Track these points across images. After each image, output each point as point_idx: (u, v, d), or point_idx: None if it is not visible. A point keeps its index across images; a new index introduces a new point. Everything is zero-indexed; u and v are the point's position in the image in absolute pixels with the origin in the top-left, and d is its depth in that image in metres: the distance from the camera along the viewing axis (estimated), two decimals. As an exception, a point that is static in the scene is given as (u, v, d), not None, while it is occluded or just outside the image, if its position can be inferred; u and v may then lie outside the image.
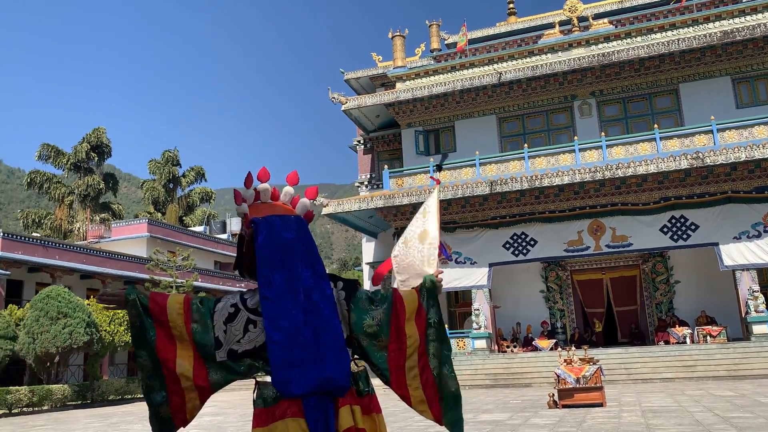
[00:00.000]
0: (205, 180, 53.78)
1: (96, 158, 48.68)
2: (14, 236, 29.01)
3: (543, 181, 22.39)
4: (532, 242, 23.64)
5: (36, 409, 20.87)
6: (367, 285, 29.99)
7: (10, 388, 20.38)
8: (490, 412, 12.46)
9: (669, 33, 24.16)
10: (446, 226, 24.54)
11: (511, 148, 25.99)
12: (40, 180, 47.26)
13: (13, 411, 19.95)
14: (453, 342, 23.41)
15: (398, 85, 27.36)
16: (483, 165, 24.22)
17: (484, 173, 24.07)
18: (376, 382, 2.83)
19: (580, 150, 23.23)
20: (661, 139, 22.43)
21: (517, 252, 23.76)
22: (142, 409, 18.89)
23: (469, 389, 20.26)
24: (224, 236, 48.27)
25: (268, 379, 2.42)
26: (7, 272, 26.92)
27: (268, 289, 2.43)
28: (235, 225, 51.14)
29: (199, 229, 46.90)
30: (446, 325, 19.18)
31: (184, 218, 51.19)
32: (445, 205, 24.29)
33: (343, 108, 27.33)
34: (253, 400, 2.45)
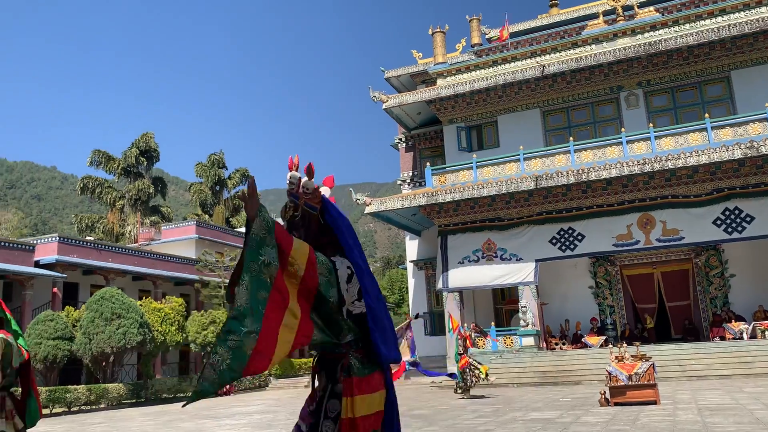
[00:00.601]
0: (250, 181, 54.55)
1: (145, 163, 49.94)
2: (69, 240, 30.02)
3: (590, 174, 21.96)
4: (579, 237, 23.22)
5: (93, 407, 21.53)
6: (411, 282, 29.92)
7: (69, 386, 21.09)
8: (539, 410, 12.29)
9: (719, 18, 23.37)
10: (491, 223, 24.33)
11: (556, 141, 25.58)
12: (92, 185, 48.77)
13: (72, 409, 20.64)
14: (500, 339, 23.20)
15: (439, 81, 27.23)
16: (527, 160, 23.90)
17: (528, 168, 23.74)
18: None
19: (628, 142, 22.69)
20: (712, 128, 21.73)
21: (564, 247, 23.37)
22: (194, 407, 19.30)
23: (517, 387, 20.04)
24: (270, 237, 48.81)
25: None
26: (64, 275, 27.88)
27: (359, 257, 2.56)
28: (280, 225, 51.69)
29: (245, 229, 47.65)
30: (493, 323, 18.79)
31: (230, 219, 52.09)
32: (489, 202, 24.07)
33: (384, 106, 27.35)
34: (343, 370, 2.50)
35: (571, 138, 24.23)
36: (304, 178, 2.64)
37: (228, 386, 26.22)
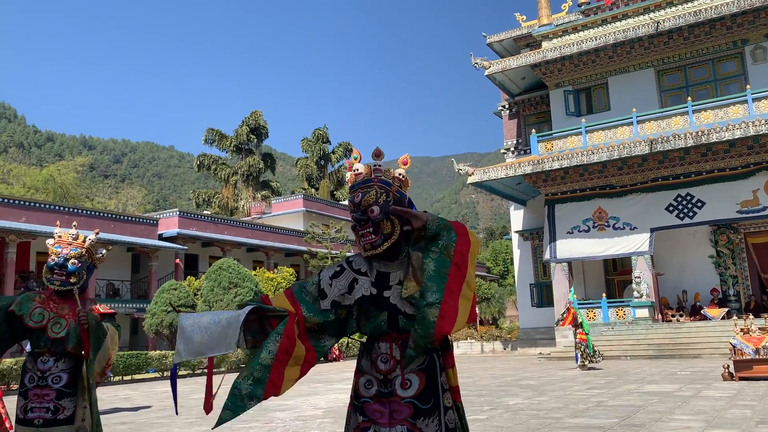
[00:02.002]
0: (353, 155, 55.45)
1: (255, 140, 51.94)
2: (189, 214, 31.90)
3: (710, 136, 20.51)
4: (698, 204, 21.84)
5: (214, 370, 22.93)
6: (516, 253, 29.42)
7: (193, 351, 22.61)
8: (656, 383, 11.81)
9: None
10: (602, 191, 23.39)
11: (672, 102, 24.06)
12: (207, 162, 51.39)
13: (195, 372, 22.11)
14: (612, 311, 22.41)
15: (544, 44, 26.25)
16: (641, 123, 22.64)
17: (642, 132, 22.50)
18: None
19: (754, 100, 20.95)
20: None
21: (682, 215, 22.08)
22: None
23: (630, 359, 19.35)
24: (373, 208, 49.50)
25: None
26: (185, 247, 29.71)
27: None
28: (383, 197, 52.31)
29: (349, 202, 48.60)
30: (603, 295, 18.08)
31: (335, 192, 53.28)
32: (599, 168, 23.11)
33: (486, 73, 26.75)
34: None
35: (689, 98, 22.69)
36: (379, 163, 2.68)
37: (338, 353, 27.10)
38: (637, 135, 22.41)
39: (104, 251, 4.34)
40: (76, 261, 4.00)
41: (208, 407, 2.49)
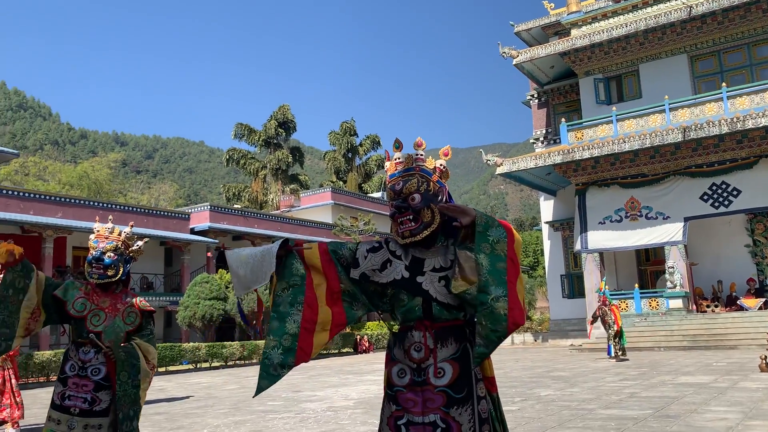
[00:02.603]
0: (380, 147, 55.41)
1: (283, 134, 52.18)
2: (219, 208, 32.26)
3: (746, 122, 20.03)
4: (734, 192, 21.36)
5: (246, 361, 23.23)
6: (547, 244, 29.18)
7: (225, 343, 22.88)
8: (691, 374, 11.62)
9: None
10: (634, 180, 23.03)
11: (706, 89, 23.54)
12: (236, 157, 51.85)
13: (228, 363, 22.43)
14: (645, 302, 22.09)
15: (573, 31, 25.87)
16: (674, 110, 22.21)
17: (675, 119, 22.07)
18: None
19: (792, 84, 20.39)
20: None
21: (717, 204, 21.63)
22: (338, 363, 20.27)
23: (664, 351, 19.08)
24: (401, 201, 49.45)
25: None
26: (216, 240, 30.05)
27: None
28: (411, 189, 52.22)
29: (377, 195, 48.59)
30: (637, 285, 17.88)
31: (362, 185, 53.32)
32: (631, 157, 22.75)
33: (514, 62, 26.48)
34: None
35: (723, 84, 22.18)
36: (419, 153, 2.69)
37: (368, 344, 27.23)
38: (670, 122, 21.98)
39: (141, 243, 4.41)
40: (112, 254, 4.08)
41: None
